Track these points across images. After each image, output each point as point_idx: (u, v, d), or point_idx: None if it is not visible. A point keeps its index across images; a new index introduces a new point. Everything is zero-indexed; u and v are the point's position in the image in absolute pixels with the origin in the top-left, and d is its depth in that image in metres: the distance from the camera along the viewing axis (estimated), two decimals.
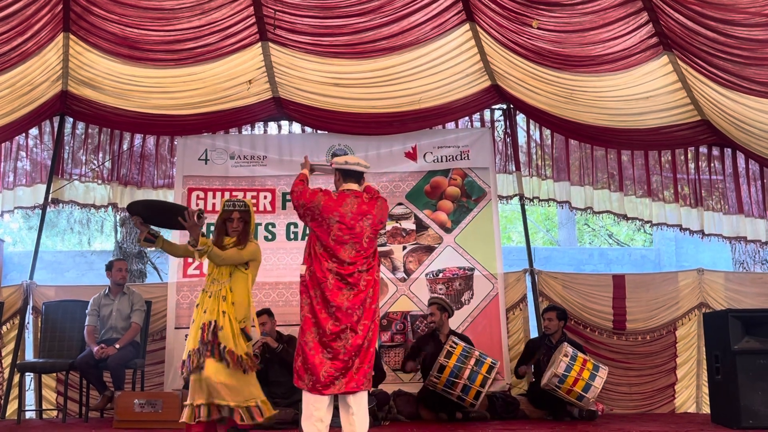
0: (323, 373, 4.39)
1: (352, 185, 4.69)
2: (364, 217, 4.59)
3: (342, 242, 4.51)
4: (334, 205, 4.57)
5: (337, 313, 4.44)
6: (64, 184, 8.03)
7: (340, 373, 4.40)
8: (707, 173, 8.28)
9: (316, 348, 4.43)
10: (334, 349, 4.42)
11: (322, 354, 4.42)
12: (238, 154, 8.06)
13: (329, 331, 4.43)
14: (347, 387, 4.41)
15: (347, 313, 4.46)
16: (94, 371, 6.67)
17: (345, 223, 4.53)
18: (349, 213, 4.55)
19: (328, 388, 4.38)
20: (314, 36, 6.95)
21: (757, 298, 7.85)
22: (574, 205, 8.24)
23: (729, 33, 5.52)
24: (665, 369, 7.85)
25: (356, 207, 4.58)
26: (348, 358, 4.42)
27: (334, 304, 4.45)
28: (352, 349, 4.44)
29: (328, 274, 4.49)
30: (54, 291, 7.77)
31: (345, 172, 4.73)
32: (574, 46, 6.56)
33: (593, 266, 16.13)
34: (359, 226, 4.56)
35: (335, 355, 4.41)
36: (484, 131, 8.29)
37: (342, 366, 4.41)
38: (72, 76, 7.41)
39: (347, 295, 4.48)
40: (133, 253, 10.35)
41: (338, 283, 4.48)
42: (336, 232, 4.52)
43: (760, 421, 5.79)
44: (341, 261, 4.49)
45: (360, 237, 4.56)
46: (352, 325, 4.46)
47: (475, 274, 7.80)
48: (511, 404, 6.96)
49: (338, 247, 4.50)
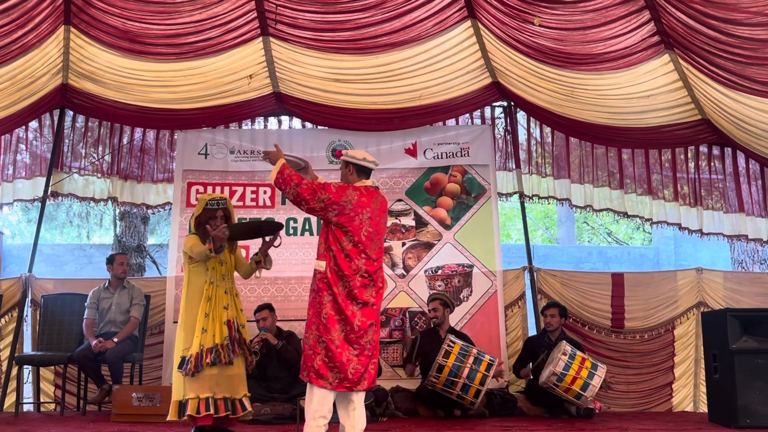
0: (351, 369, 4.36)
1: (366, 181, 4.67)
2: (384, 214, 4.65)
3: (371, 239, 4.51)
4: (367, 201, 4.52)
5: (363, 309, 4.44)
6: (63, 178, 8.02)
7: (364, 369, 4.41)
8: (707, 172, 8.29)
9: (343, 345, 4.37)
10: (360, 345, 4.40)
11: (348, 351, 4.37)
12: (238, 148, 8.06)
13: (357, 327, 4.39)
14: (369, 384, 4.44)
15: (373, 309, 4.48)
16: (93, 364, 6.68)
17: (374, 219, 4.53)
18: (376, 209, 4.56)
19: (357, 385, 4.37)
20: (315, 31, 6.94)
21: (756, 298, 7.86)
22: (574, 202, 8.24)
23: (731, 32, 5.51)
24: (663, 368, 7.86)
25: (380, 204, 4.62)
26: (371, 354, 4.45)
27: (362, 300, 4.43)
28: (374, 345, 4.48)
29: (357, 269, 4.44)
30: (53, 284, 7.78)
31: (360, 168, 4.66)
32: (576, 44, 6.56)
33: (592, 264, 16.15)
34: (381, 223, 4.61)
35: (361, 351, 4.40)
36: (484, 128, 8.29)
37: (367, 362, 4.42)
38: (72, 69, 7.39)
39: (371, 292, 4.48)
40: (132, 247, 10.34)
41: (365, 280, 4.46)
42: (368, 228, 4.49)
43: (757, 421, 5.79)
44: (369, 257, 4.48)
45: (381, 234, 4.60)
46: (376, 321, 4.51)
47: (474, 271, 7.80)
48: (509, 401, 6.96)
49: (368, 243, 4.49)
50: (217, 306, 5.01)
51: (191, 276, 5.10)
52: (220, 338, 4.94)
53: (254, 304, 7.31)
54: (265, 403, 6.25)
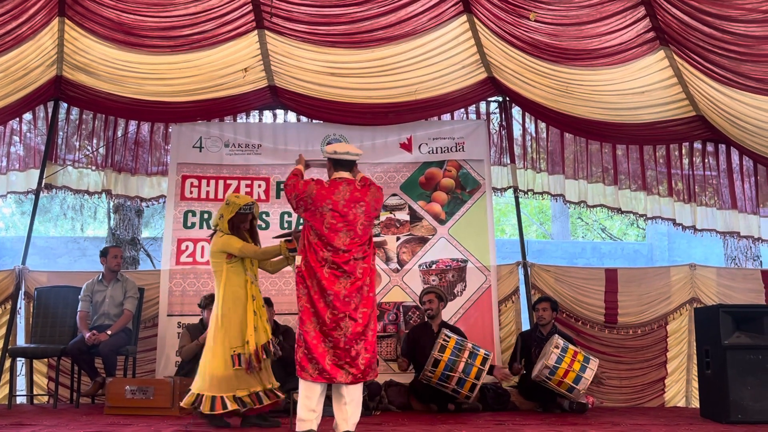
0: (327, 362, 4.39)
1: (343, 173, 4.68)
2: (357, 204, 4.58)
3: (336, 230, 4.51)
4: (327, 194, 4.56)
5: (334, 302, 4.44)
6: (57, 170, 8.00)
7: (344, 362, 4.40)
8: (701, 169, 8.31)
9: (318, 338, 4.43)
10: (334, 338, 4.42)
11: (324, 343, 4.42)
12: (233, 142, 8.05)
13: (328, 320, 4.43)
14: (353, 378, 4.41)
15: (345, 302, 4.46)
16: (86, 357, 6.67)
17: (338, 211, 4.52)
18: (342, 200, 4.54)
19: (336, 377, 4.38)
20: (311, 25, 6.93)
21: (748, 294, 7.89)
22: (568, 198, 8.25)
23: (725, 29, 5.53)
24: (656, 363, 7.89)
25: (349, 194, 4.57)
26: (349, 347, 4.42)
27: (331, 293, 4.44)
28: (352, 338, 4.44)
29: (324, 263, 4.48)
30: (46, 276, 7.76)
31: (335, 161, 4.72)
32: (571, 40, 6.56)
33: (586, 260, 16.19)
34: (352, 214, 4.55)
35: (336, 344, 4.41)
36: (479, 123, 8.29)
37: (344, 354, 4.41)
38: (67, 61, 7.37)
39: (344, 284, 4.48)
40: (126, 240, 10.32)
41: (334, 272, 4.48)
42: (329, 220, 4.52)
43: (749, 416, 5.82)
44: (336, 249, 4.49)
45: (354, 224, 4.55)
46: (351, 313, 4.46)
47: (468, 266, 7.81)
48: (502, 396, 6.98)
49: (332, 235, 4.50)
50: (258, 303, 5.23)
51: (230, 274, 5.22)
52: (266, 336, 5.18)
53: None
54: None
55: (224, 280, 5.22)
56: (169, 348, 7.39)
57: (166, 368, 7.30)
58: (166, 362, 7.37)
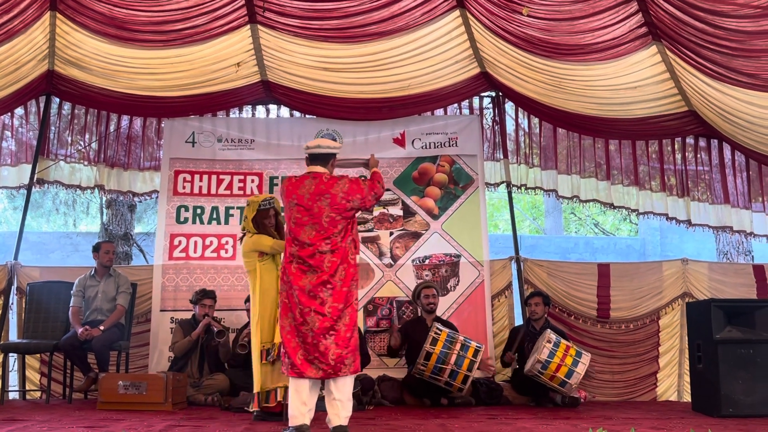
0: (298, 357, 4.41)
1: (315, 168, 4.68)
2: (321, 197, 4.53)
3: (301, 224, 4.52)
4: (293, 189, 4.58)
5: (299, 297, 4.44)
6: (49, 165, 7.98)
7: (314, 357, 4.39)
8: (693, 164, 8.33)
9: (291, 332, 4.46)
10: (302, 333, 4.42)
11: (295, 338, 4.44)
12: (226, 137, 8.03)
13: (297, 314, 4.44)
14: (324, 374, 4.40)
15: (309, 296, 4.44)
16: (79, 352, 6.66)
17: (302, 205, 4.53)
18: (306, 194, 4.54)
19: (305, 372, 4.38)
20: (304, 19, 6.92)
21: (740, 289, 7.92)
22: (561, 193, 8.27)
23: (717, 24, 5.54)
24: (648, 357, 7.92)
25: (314, 188, 4.55)
26: (316, 342, 4.39)
27: (297, 287, 4.46)
28: (319, 332, 4.39)
29: (292, 258, 4.52)
30: (39, 272, 7.74)
31: (308, 156, 4.73)
32: (564, 35, 6.56)
33: (579, 255, 16.22)
34: (317, 207, 4.52)
35: (304, 339, 4.42)
36: (472, 118, 8.29)
37: (312, 350, 4.39)
38: (59, 55, 7.34)
39: (310, 278, 4.46)
40: (119, 235, 10.30)
41: (301, 266, 4.48)
42: (295, 215, 4.54)
43: (740, 410, 5.86)
44: (301, 243, 4.50)
45: (319, 217, 4.51)
46: (317, 308, 4.42)
47: (462, 261, 7.82)
48: (495, 390, 7.00)
49: (298, 230, 4.52)
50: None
51: (263, 272, 5.38)
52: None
53: (242, 293, 7.33)
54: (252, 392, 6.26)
55: (258, 279, 5.38)
56: (161, 343, 7.39)
57: (159, 363, 7.29)
58: (159, 357, 7.37)
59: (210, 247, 7.72)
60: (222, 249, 7.72)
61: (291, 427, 4.38)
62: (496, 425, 5.19)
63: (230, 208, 7.82)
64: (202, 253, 7.70)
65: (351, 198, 4.58)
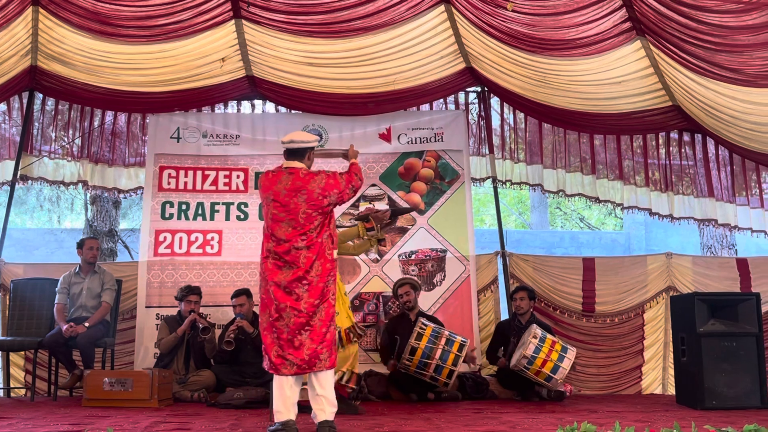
0: (273, 353, 4.40)
1: (292, 162, 4.64)
2: (298, 193, 4.50)
3: (278, 220, 4.50)
4: (269, 184, 4.55)
5: (275, 292, 4.43)
6: (33, 161, 7.92)
7: (288, 353, 4.38)
8: (678, 158, 8.38)
9: (268, 328, 4.45)
10: (277, 328, 4.41)
11: (271, 334, 4.43)
12: (211, 132, 8.01)
13: (274, 310, 4.43)
14: (297, 369, 4.38)
15: (285, 292, 4.43)
16: (64, 349, 6.63)
17: (279, 201, 4.50)
18: (282, 190, 4.51)
19: (280, 368, 4.38)
20: (288, 14, 6.89)
21: (724, 282, 7.99)
22: (547, 188, 8.30)
23: (701, 19, 5.57)
24: (633, 351, 7.97)
25: (290, 183, 4.52)
26: (291, 338, 4.38)
27: (273, 282, 4.45)
28: (294, 328, 4.38)
29: (269, 254, 4.50)
30: (23, 269, 7.69)
31: (285, 151, 4.68)
32: (548, 30, 6.58)
33: (564, 249, 16.28)
34: (293, 203, 4.49)
35: (279, 335, 4.40)
36: (458, 114, 8.31)
37: (287, 346, 4.38)
38: (42, 50, 7.28)
39: (285, 274, 4.44)
40: (104, 232, 10.24)
41: (276, 262, 4.47)
42: (272, 211, 4.52)
43: (723, 402, 5.91)
44: (278, 239, 4.48)
45: (295, 213, 4.48)
46: (292, 304, 4.41)
47: (448, 256, 7.84)
48: (481, 385, 7.03)
49: (274, 225, 4.50)
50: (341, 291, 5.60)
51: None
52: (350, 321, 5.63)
53: (228, 289, 7.31)
54: (238, 388, 6.26)
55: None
56: (147, 340, 7.36)
57: (145, 360, 7.27)
58: (144, 354, 7.34)
59: (195, 243, 7.69)
60: (207, 245, 7.70)
61: (277, 423, 4.37)
62: (482, 419, 5.21)
63: (215, 203, 7.79)
64: (187, 249, 7.67)
65: (328, 193, 4.53)
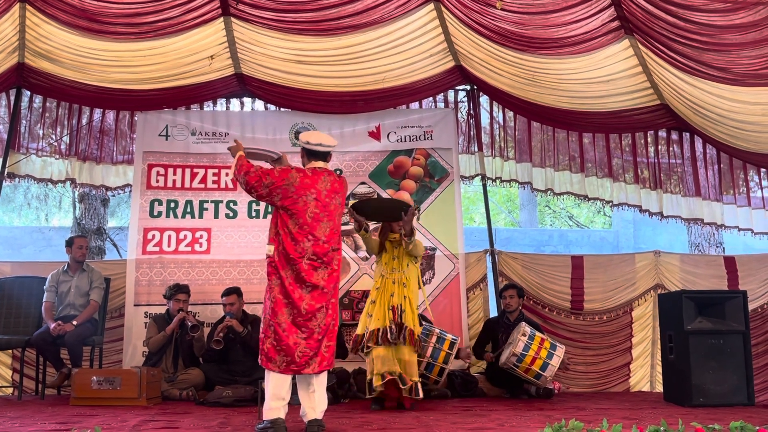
0: (298, 353, 4.36)
1: (318, 163, 4.65)
2: (336, 195, 4.59)
3: (318, 220, 4.49)
4: (311, 182, 4.52)
5: (313, 293, 4.43)
6: (20, 159, 7.87)
7: (314, 353, 4.39)
8: (666, 156, 8.42)
9: (290, 329, 4.38)
10: (309, 328, 4.40)
11: (296, 334, 4.38)
12: (200, 130, 7.98)
13: (305, 310, 4.39)
14: (320, 367, 4.41)
15: (323, 293, 4.45)
16: (51, 348, 6.60)
17: (321, 201, 4.51)
18: (324, 190, 4.53)
19: (304, 368, 4.36)
20: (277, 12, 6.87)
21: (711, 280, 8.03)
22: (536, 186, 8.32)
23: (689, 18, 5.60)
24: (621, 348, 8.01)
25: (330, 184, 4.57)
26: (322, 337, 4.42)
27: (311, 283, 4.42)
28: (324, 328, 4.44)
29: (303, 252, 4.43)
30: (10, 267, 7.65)
31: (308, 151, 4.66)
32: (537, 28, 6.59)
33: (553, 247, 16.34)
34: (333, 204, 4.55)
35: (310, 335, 4.39)
36: (447, 112, 8.31)
37: (316, 345, 4.40)
38: (29, 48, 7.24)
39: (322, 274, 4.46)
40: (92, 230, 10.20)
41: (313, 263, 4.44)
42: (313, 210, 4.49)
43: (710, 399, 5.95)
44: (317, 239, 4.46)
45: (333, 215, 4.55)
46: (327, 304, 4.47)
47: (437, 254, 7.85)
48: (470, 382, 7.04)
49: (315, 225, 4.47)
50: (382, 293, 5.78)
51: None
52: (384, 321, 5.67)
53: (217, 287, 7.30)
54: (227, 386, 6.25)
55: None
56: (135, 338, 7.34)
57: (133, 358, 7.25)
58: (133, 352, 7.32)
59: (184, 241, 7.67)
60: (196, 243, 7.67)
61: (266, 421, 4.37)
62: (471, 417, 5.22)
63: (204, 201, 7.77)
64: (176, 248, 7.65)
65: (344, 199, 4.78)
